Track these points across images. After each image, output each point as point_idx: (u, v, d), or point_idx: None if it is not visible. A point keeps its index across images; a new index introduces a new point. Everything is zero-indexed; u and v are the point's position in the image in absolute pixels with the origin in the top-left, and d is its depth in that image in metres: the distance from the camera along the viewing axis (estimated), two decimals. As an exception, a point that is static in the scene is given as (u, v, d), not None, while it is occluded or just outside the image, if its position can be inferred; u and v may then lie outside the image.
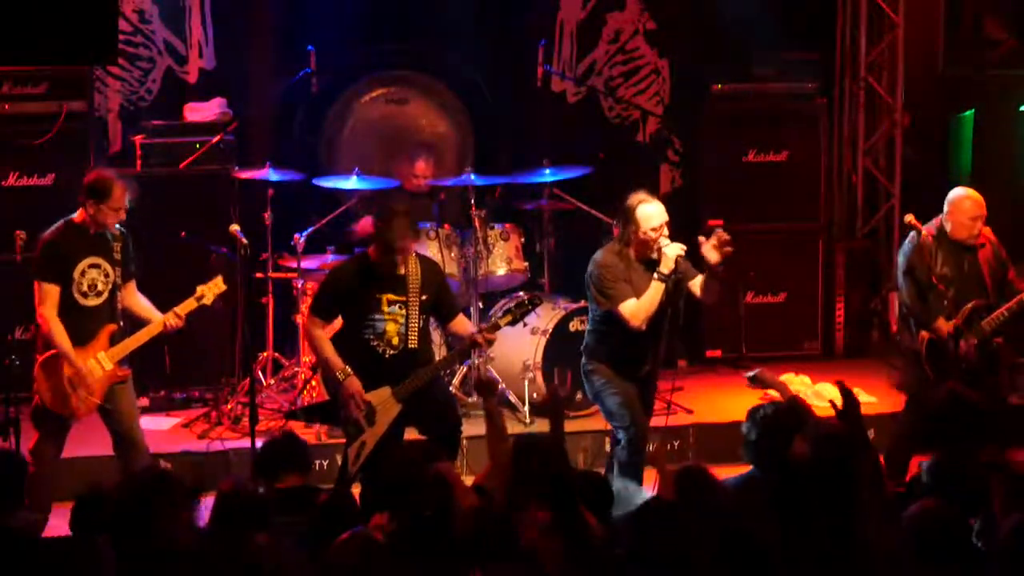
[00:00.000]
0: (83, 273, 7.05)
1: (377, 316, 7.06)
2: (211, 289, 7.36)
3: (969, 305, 7.63)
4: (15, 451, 6.97)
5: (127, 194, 7.08)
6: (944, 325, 7.64)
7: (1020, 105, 10.21)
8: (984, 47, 10.70)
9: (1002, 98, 10.33)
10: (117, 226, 7.16)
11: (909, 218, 7.77)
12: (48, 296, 6.99)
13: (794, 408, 6.04)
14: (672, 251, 7.06)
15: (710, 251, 7.01)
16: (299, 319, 8.90)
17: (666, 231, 7.13)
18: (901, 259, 7.86)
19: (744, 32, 10.21)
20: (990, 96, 10.40)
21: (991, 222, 7.85)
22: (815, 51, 10.53)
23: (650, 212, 7.13)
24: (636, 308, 7.07)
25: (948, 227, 7.74)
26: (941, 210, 7.82)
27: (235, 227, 7.99)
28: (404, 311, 7.07)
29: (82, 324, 7.07)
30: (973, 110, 10.34)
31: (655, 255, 7.11)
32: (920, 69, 10.67)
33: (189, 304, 7.28)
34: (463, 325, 7.36)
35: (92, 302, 7.08)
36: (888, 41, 10.65)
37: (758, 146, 10.32)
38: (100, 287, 7.09)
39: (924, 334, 7.71)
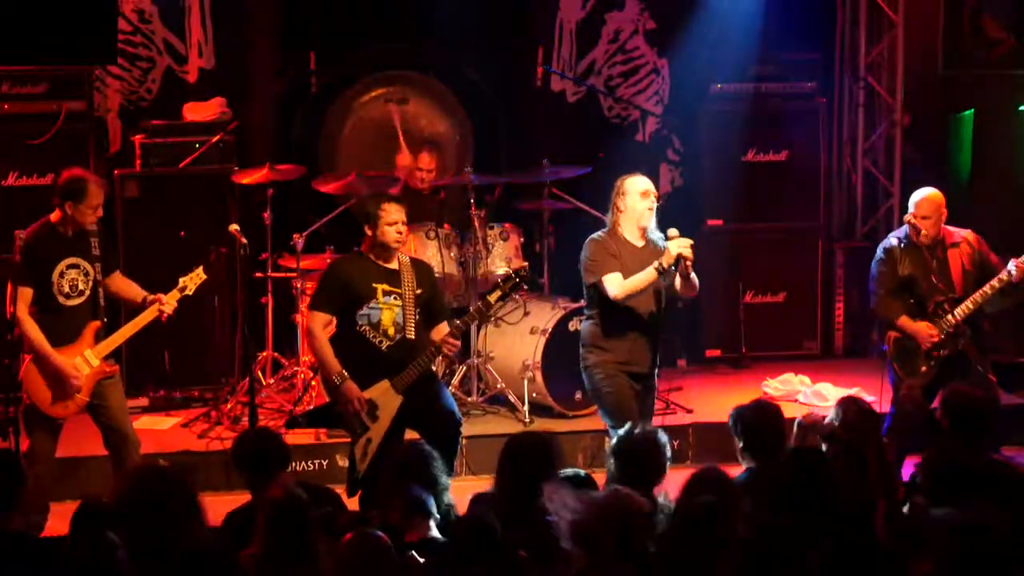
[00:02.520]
0: (62, 274, 7.03)
1: (372, 304, 7.04)
2: (193, 280, 7.33)
3: (933, 302, 7.63)
4: (13, 452, 6.93)
5: (102, 191, 7.07)
6: (908, 322, 7.65)
7: (1020, 105, 10.21)
8: (984, 47, 10.70)
9: (1002, 98, 10.33)
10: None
11: (908, 218, 7.76)
12: (22, 297, 6.97)
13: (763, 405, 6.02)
14: (675, 246, 6.95)
15: (672, 254, 6.96)
16: (299, 319, 8.91)
17: (652, 202, 7.12)
18: (872, 267, 7.87)
19: (744, 32, 10.21)
20: (990, 96, 10.40)
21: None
22: (815, 51, 10.53)
23: (636, 179, 7.17)
24: (622, 283, 7.00)
25: (910, 228, 7.75)
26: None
27: (235, 227, 7.99)
28: (400, 302, 7.07)
29: (66, 324, 7.06)
30: (973, 110, 10.34)
31: (644, 221, 7.11)
32: (920, 69, 10.67)
33: (173, 296, 7.26)
34: (438, 332, 7.25)
35: (75, 302, 7.07)
36: (888, 41, 10.65)
37: (758, 146, 10.31)
38: (81, 286, 7.08)
39: (891, 333, 7.73)
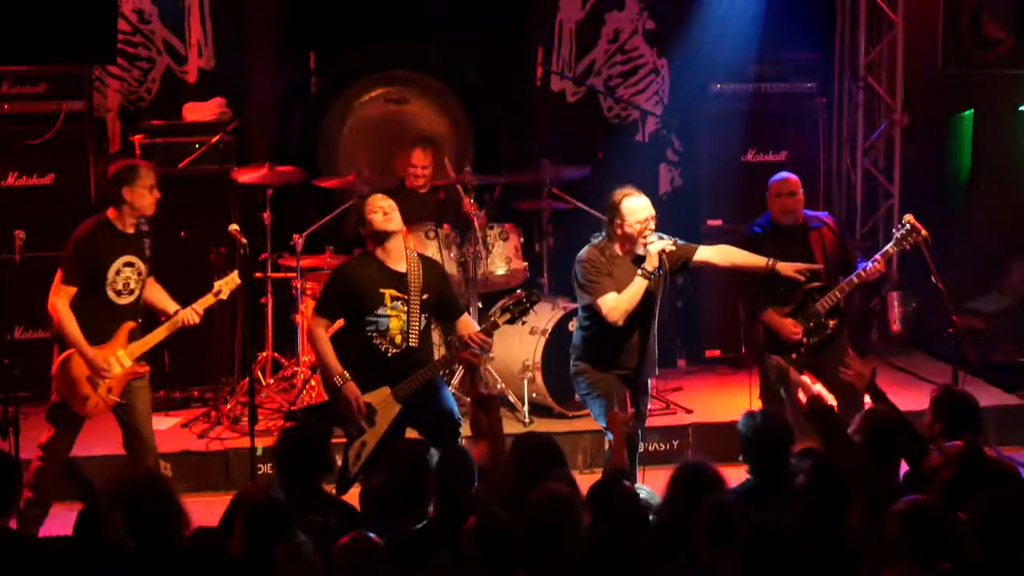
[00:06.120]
0: (118, 272, 7.01)
1: (380, 312, 7.04)
2: (227, 284, 7.36)
3: (800, 290, 7.64)
4: (9, 455, 6.91)
5: (152, 172, 7.07)
6: (774, 317, 7.70)
7: (1020, 105, 10.22)
8: (984, 47, 10.71)
9: (1002, 98, 10.34)
10: (142, 219, 7.13)
11: (908, 218, 7.76)
12: (64, 293, 6.93)
13: (782, 419, 6.00)
14: (656, 248, 7.03)
15: (653, 255, 7.02)
16: (298, 319, 8.91)
17: (652, 225, 7.09)
18: None
19: (744, 32, 10.21)
20: (990, 96, 10.41)
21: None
22: (815, 51, 10.53)
23: (636, 205, 7.09)
24: (616, 302, 7.03)
25: (771, 214, 7.82)
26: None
27: (234, 227, 7.99)
28: (406, 308, 7.07)
29: (109, 322, 7.03)
30: (972, 110, 10.35)
31: (641, 250, 7.08)
32: (919, 69, 10.68)
33: (207, 300, 7.28)
34: (466, 326, 7.33)
35: (125, 300, 7.06)
36: (887, 41, 10.66)
37: (758, 146, 10.31)
38: (133, 285, 7.07)
39: (759, 324, 7.78)
